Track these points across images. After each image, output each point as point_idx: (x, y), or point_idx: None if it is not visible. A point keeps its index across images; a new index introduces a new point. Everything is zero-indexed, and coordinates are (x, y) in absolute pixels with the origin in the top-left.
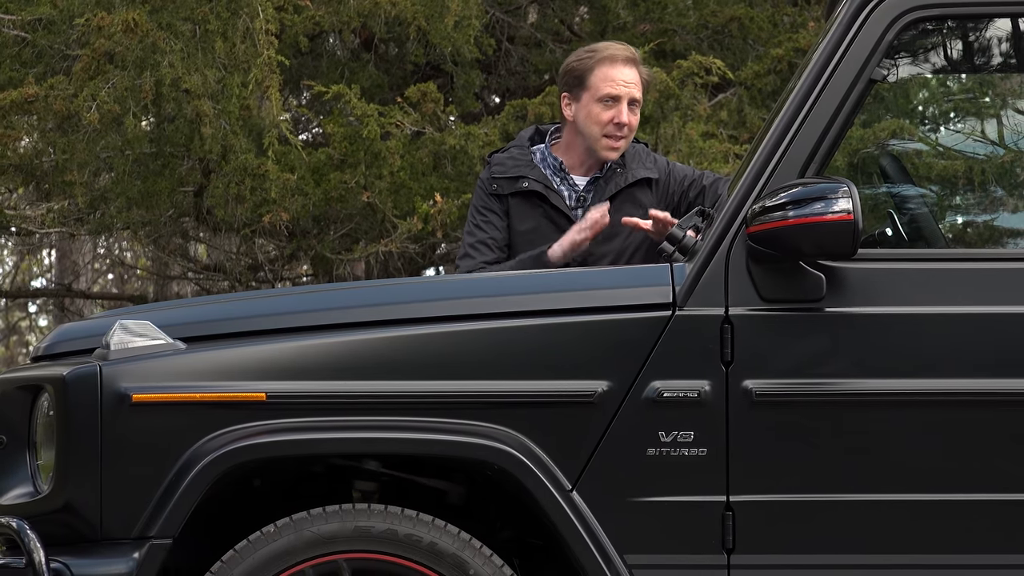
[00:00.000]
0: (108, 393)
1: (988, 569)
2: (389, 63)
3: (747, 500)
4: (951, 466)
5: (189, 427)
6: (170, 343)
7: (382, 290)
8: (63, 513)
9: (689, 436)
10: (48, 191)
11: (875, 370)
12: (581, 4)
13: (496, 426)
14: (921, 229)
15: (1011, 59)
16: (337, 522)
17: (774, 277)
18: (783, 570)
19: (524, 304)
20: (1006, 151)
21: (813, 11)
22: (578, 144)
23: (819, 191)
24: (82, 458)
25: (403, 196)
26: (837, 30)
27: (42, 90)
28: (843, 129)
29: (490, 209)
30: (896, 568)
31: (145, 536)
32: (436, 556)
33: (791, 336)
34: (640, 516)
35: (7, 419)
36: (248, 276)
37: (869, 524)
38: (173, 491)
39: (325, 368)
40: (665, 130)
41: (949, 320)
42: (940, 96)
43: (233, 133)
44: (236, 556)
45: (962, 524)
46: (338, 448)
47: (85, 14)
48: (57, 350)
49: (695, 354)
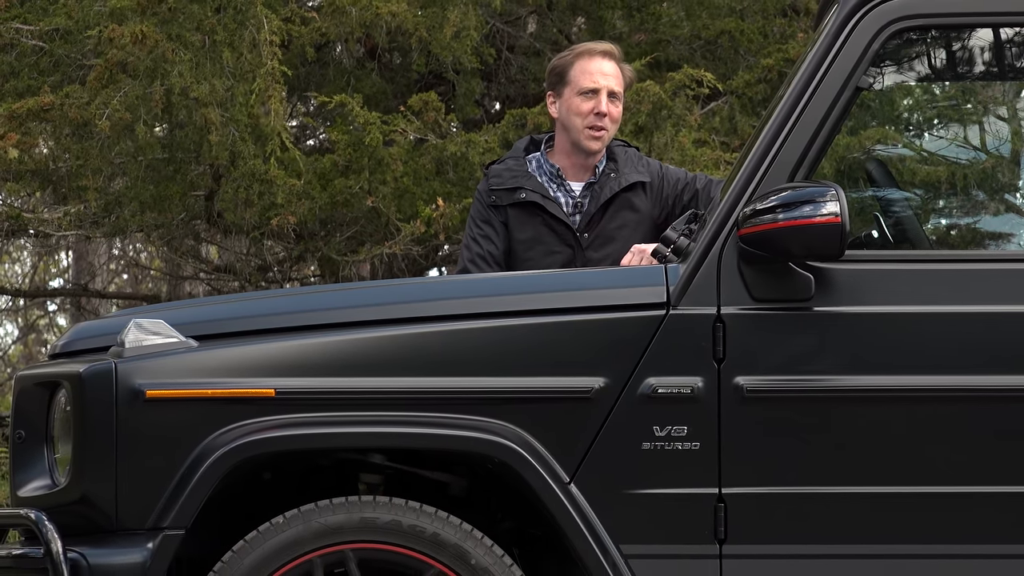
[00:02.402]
0: (123, 389)
1: (967, 559)
2: (393, 72)
3: (738, 492)
4: (935, 459)
5: (201, 422)
6: (183, 341)
7: (387, 290)
8: (80, 505)
9: (683, 431)
10: (64, 195)
11: (862, 367)
12: (578, 15)
13: (497, 421)
14: (906, 231)
15: (992, 68)
16: (344, 513)
17: (764, 277)
18: (773, 560)
19: (523, 303)
20: (988, 156)
21: (802, 22)
22: (566, 141)
23: (808, 195)
24: (98, 452)
25: (406, 200)
26: (825, 40)
27: (58, 98)
28: (831, 135)
29: (488, 222)
30: (882, 558)
31: (159, 527)
32: (439, 546)
33: (781, 334)
34: (635, 508)
35: (26, 414)
36: (257, 277)
37: (856, 515)
38: (186, 484)
39: (332, 365)
40: (658, 139)
41: (933, 319)
42: (924, 103)
43: (242, 140)
44: (246, 546)
45: (945, 515)
46: (344, 442)
47: (98, 26)
48: (74, 348)
49: (688, 352)
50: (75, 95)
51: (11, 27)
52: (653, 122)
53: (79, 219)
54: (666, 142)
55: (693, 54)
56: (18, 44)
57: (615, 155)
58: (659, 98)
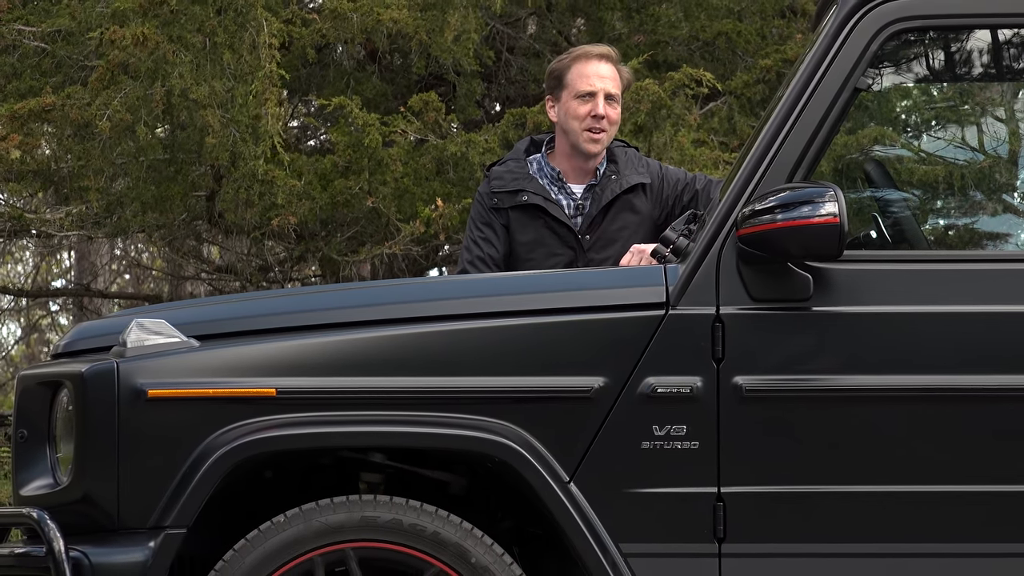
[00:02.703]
0: (125, 389)
1: (963, 558)
2: (394, 73)
3: (737, 491)
4: (933, 458)
5: (202, 421)
6: (184, 341)
7: (387, 290)
8: (81, 504)
9: (682, 430)
10: (66, 195)
11: (860, 367)
12: (578, 16)
13: (497, 420)
14: (904, 232)
15: (989, 69)
16: (344, 512)
17: (763, 278)
18: (772, 558)
19: (523, 303)
20: (985, 157)
21: (800, 24)
22: (565, 144)
23: (806, 195)
24: (100, 451)
25: (406, 201)
26: (824, 41)
27: (59, 99)
28: (829, 135)
29: (489, 224)
30: (880, 557)
31: (160, 526)
32: (439, 545)
33: (779, 334)
34: (635, 506)
35: (28, 413)
36: (259, 277)
37: (854, 514)
38: (187, 483)
39: (333, 365)
40: (657, 139)
41: (931, 319)
42: (922, 104)
43: (242, 141)
44: (248, 545)
45: (942, 514)
46: (345, 441)
47: (99, 27)
48: (76, 347)
49: (687, 351)
50: (77, 96)
51: (13, 28)
52: (652, 121)
53: (81, 219)
54: (665, 142)
55: (692, 55)
56: (20, 45)
57: (615, 156)
58: (658, 97)
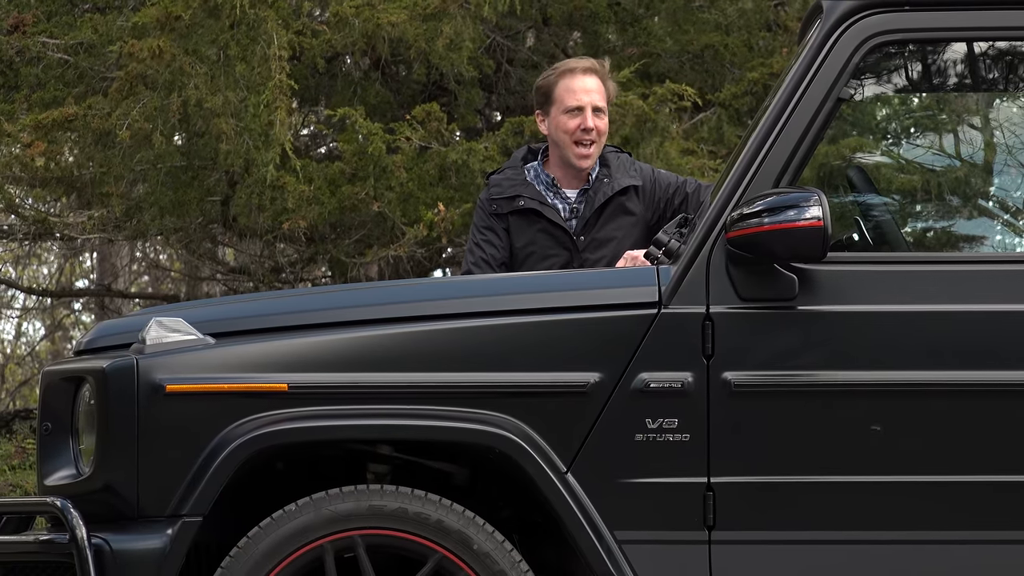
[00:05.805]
0: (144, 384)
1: (943, 544)
2: (399, 83)
3: (726, 481)
4: (912, 449)
5: (218, 415)
6: (200, 338)
7: (393, 290)
8: (103, 493)
9: (673, 423)
10: (88, 200)
11: (843, 363)
12: (575, 29)
13: (498, 414)
14: (885, 235)
15: (966, 80)
16: (352, 501)
17: (751, 278)
18: (759, 545)
19: (523, 303)
20: (962, 164)
21: (784, 38)
22: (557, 156)
23: (792, 200)
24: (120, 443)
25: (411, 205)
26: (808, 53)
27: (81, 109)
28: (814, 143)
29: (490, 228)
30: (864, 544)
31: (178, 514)
32: (443, 532)
33: (766, 332)
34: (629, 496)
35: (52, 407)
36: (271, 277)
37: (838, 503)
38: (203, 473)
39: (342, 361)
40: (644, 149)
41: (911, 317)
42: (902, 113)
43: (255, 148)
44: (260, 532)
45: (921, 502)
46: (354, 434)
47: (120, 40)
48: (98, 344)
49: (679, 348)
50: (98, 106)
51: (38, 41)
52: (639, 134)
53: (102, 223)
54: (652, 151)
55: (682, 67)
56: (45, 57)
57: (608, 161)
58: (643, 111)
